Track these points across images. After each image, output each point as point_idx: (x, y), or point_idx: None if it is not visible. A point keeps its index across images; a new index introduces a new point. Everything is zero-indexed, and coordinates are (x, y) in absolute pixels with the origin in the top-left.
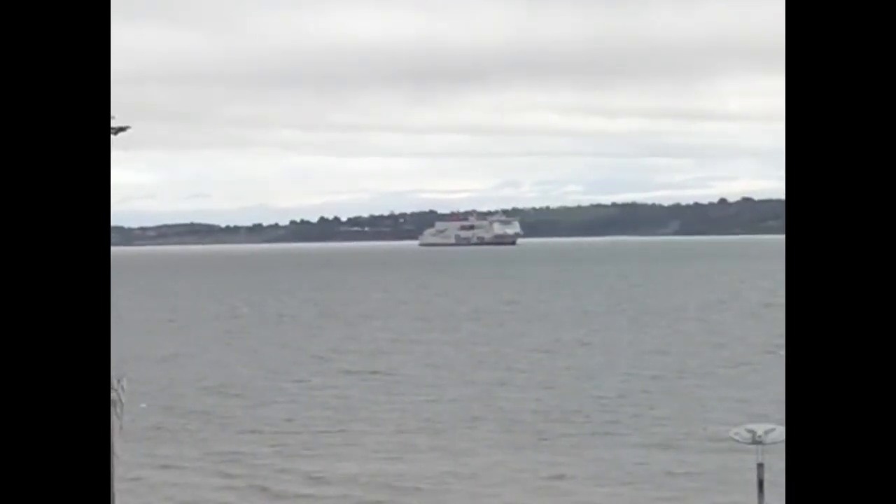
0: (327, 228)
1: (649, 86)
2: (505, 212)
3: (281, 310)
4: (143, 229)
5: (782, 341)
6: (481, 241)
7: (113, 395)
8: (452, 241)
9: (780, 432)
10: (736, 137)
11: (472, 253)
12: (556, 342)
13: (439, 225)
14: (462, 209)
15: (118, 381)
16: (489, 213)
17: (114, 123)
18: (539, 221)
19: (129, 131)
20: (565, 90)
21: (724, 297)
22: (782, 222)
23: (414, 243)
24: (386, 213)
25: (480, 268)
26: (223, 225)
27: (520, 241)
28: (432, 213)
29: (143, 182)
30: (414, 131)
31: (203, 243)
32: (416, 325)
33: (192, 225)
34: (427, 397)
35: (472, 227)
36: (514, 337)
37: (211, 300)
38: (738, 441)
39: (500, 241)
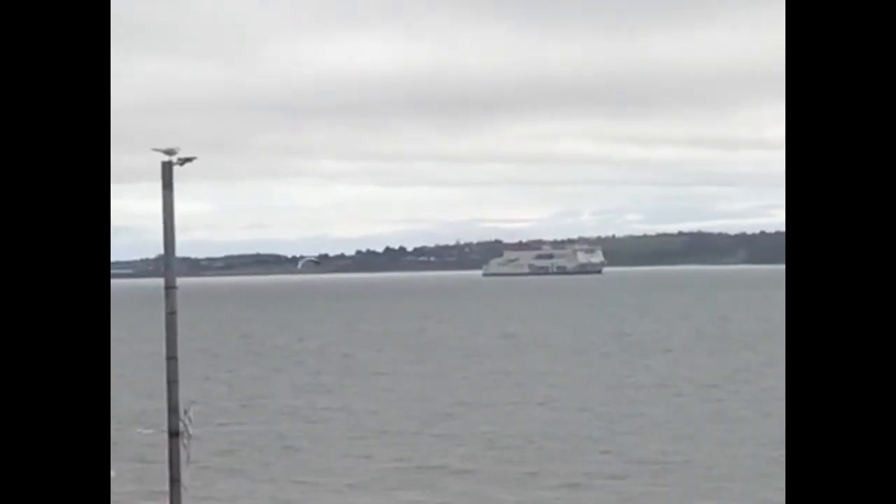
0: (393, 258)
1: (680, 114)
2: (572, 241)
3: (286, 342)
4: (209, 260)
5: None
6: (562, 271)
7: (180, 425)
8: (526, 270)
9: None
10: (775, 164)
11: (555, 282)
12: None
13: (508, 254)
14: (525, 238)
15: (185, 411)
16: (564, 242)
17: (179, 154)
18: (606, 250)
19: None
20: (596, 119)
21: None
22: None
23: (478, 273)
24: (451, 242)
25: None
26: (289, 255)
27: (605, 269)
28: (498, 242)
29: (199, 212)
30: (454, 160)
31: (270, 273)
32: (419, 357)
33: (258, 255)
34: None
35: (550, 256)
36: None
37: (228, 333)
38: None
39: (585, 269)
